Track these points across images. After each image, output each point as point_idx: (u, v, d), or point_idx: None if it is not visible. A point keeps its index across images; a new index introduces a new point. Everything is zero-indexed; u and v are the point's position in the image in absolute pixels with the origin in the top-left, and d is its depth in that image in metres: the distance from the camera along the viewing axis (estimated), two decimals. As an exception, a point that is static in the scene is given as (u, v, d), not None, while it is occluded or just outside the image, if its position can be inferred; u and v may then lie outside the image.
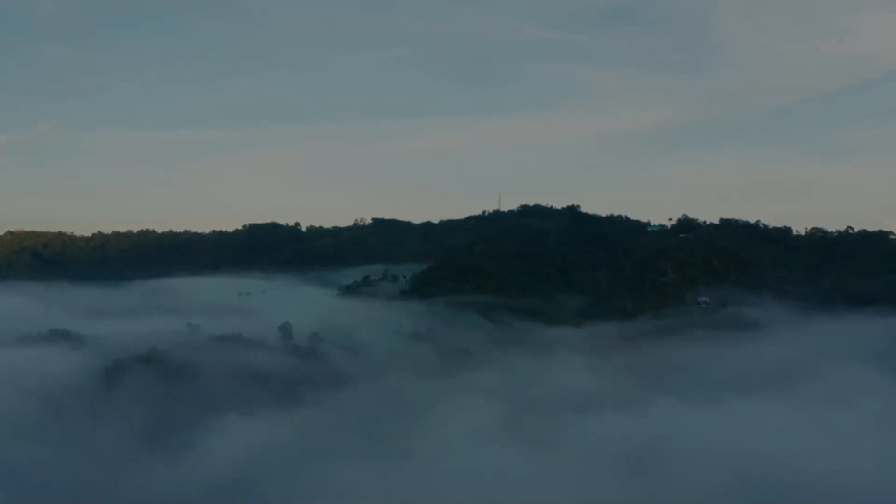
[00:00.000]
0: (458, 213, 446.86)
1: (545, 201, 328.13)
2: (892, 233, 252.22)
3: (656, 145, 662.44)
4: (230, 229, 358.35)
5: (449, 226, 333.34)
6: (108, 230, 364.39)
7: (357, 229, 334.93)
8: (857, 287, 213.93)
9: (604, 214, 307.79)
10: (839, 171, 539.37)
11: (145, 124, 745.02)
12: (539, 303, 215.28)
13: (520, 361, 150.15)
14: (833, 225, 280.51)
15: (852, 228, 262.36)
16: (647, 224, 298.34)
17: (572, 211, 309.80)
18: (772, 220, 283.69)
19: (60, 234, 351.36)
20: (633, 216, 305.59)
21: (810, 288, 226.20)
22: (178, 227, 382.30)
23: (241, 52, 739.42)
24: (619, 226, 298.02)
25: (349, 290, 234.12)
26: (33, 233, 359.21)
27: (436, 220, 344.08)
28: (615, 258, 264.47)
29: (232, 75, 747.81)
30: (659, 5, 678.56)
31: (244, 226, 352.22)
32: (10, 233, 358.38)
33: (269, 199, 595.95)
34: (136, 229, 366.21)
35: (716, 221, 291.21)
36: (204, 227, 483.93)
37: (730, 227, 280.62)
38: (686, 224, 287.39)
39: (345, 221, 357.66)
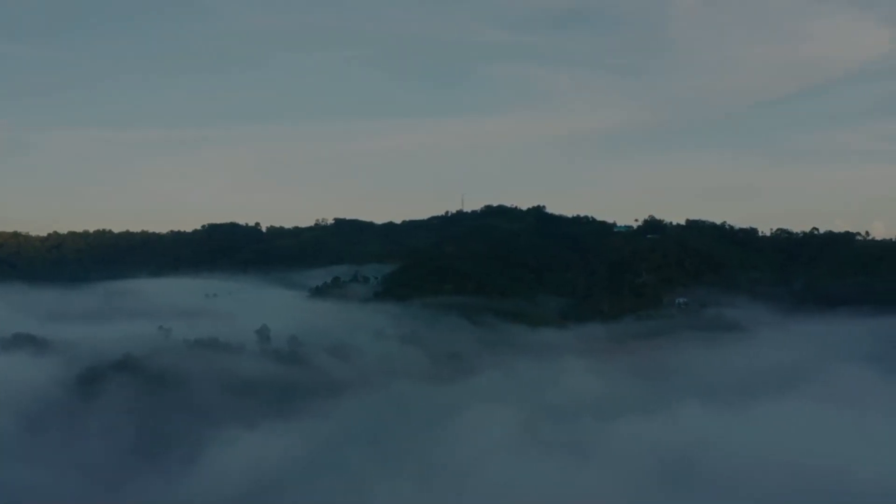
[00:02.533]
0: (421, 213, 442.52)
1: (507, 202, 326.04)
2: (858, 234, 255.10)
3: (616, 147, 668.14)
4: (188, 229, 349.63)
5: (412, 226, 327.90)
6: (63, 230, 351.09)
7: (318, 229, 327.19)
8: (829, 288, 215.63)
9: (570, 215, 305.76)
10: (796, 174, 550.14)
11: (100, 122, 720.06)
12: (520, 304, 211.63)
13: (520, 366, 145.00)
14: (793, 226, 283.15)
15: (817, 230, 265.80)
16: (614, 225, 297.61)
17: (538, 211, 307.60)
18: (732, 220, 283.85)
19: (16, 234, 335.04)
20: (597, 217, 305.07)
21: (781, 289, 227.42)
22: (135, 227, 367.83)
23: (198, 50, 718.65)
24: (586, 226, 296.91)
25: (319, 292, 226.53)
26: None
27: (398, 221, 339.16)
28: (587, 259, 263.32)
29: (188, 74, 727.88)
30: (614, 8, 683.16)
31: (203, 226, 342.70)
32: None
33: (227, 198, 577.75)
34: (92, 229, 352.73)
35: (681, 222, 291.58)
36: (161, 227, 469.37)
37: (697, 228, 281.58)
38: (653, 225, 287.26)
39: (306, 221, 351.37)
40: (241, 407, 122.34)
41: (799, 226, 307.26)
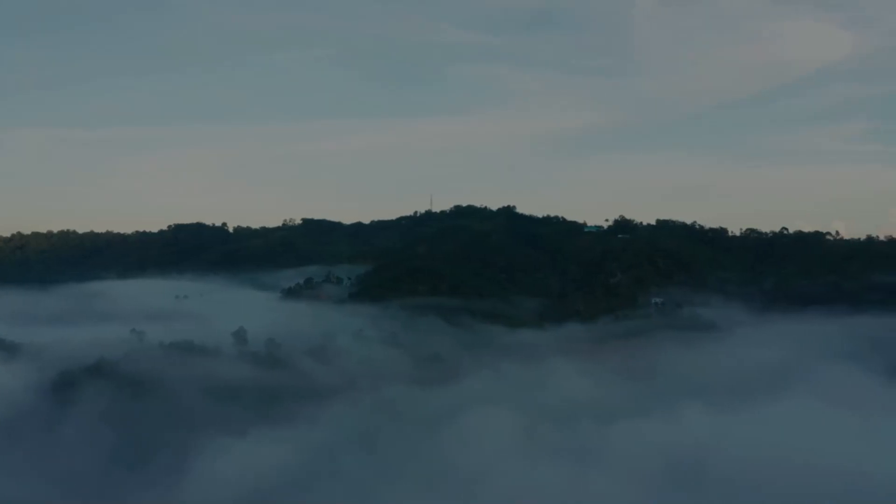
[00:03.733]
0: (389, 213, 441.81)
1: (476, 202, 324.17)
2: (828, 234, 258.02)
3: (584, 148, 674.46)
4: (154, 230, 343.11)
5: (381, 226, 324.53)
6: (27, 230, 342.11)
7: (286, 230, 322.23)
8: (800, 287, 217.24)
9: (540, 215, 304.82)
10: (762, 174, 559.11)
11: (64, 122, 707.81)
12: (497, 305, 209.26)
13: (508, 368, 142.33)
14: (761, 226, 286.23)
15: (787, 230, 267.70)
16: (584, 225, 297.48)
17: (509, 211, 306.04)
18: (701, 220, 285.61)
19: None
20: (567, 217, 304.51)
21: (752, 288, 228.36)
22: (100, 228, 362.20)
23: (164, 49, 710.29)
24: (556, 226, 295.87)
25: (292, 293, 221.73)
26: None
27: (367, 221, 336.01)
28: (559, 259, 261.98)
29: (152, 73, 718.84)
30: (580, 10, 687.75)
31: (169, 226, 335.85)
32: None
33: (193, 198, 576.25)
34: (56, 230, 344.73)
35: (651, 222, 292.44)
36: (126, 227, 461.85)
37: (667, 228, 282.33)
38: (623, 225, 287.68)
39: (273, 222, 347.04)
40: (226, 413, 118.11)
41: (767, 226, 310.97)
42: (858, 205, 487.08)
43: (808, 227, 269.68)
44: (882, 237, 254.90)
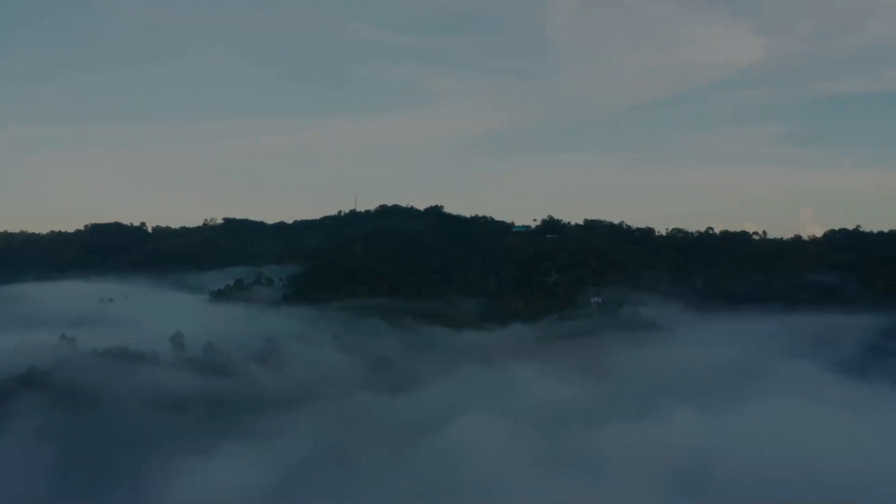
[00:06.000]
0: (311, 213, 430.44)
1: (399, 202, 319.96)
2: (755, 233, 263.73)
3: (504, 148, 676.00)
4: (70, 230, 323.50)
5: (305, 226, 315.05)
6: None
7: (207, 229, 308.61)
8: (732, 286, 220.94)
9: (468, 215, 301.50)
10: (678, 175, 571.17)
11: None
12: (437, 306, 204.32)
13: (471, 372, 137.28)
14: (683, 226, 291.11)
15: (712, 229, 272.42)
16: (512, 225, 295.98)
17: (437, 211, 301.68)
18: (620, 220, 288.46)
19: None
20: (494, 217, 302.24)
21: (685, 287, 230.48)
22: (13, 228, 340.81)
23: (78, 47, 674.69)
24: (485, 226, 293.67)
25: (222, 295, 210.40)
26: None
27: (289, 221, 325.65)
28: (491, 259, 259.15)
29: (65, 71, 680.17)
30: (497, 12, 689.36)
31: (86, 226, 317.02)
32: None
33: (109, 197, 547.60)
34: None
35: (578, 222, 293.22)
36: (41, 227, 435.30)
37: (596, 228, 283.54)
38: (552, 225, 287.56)
39: (193, 221, 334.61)
40: (179, 427, 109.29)
41: (683, 225, 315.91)
42: (770, 205, 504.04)
43: (719, 227, 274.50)
44: (806, 237, 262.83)
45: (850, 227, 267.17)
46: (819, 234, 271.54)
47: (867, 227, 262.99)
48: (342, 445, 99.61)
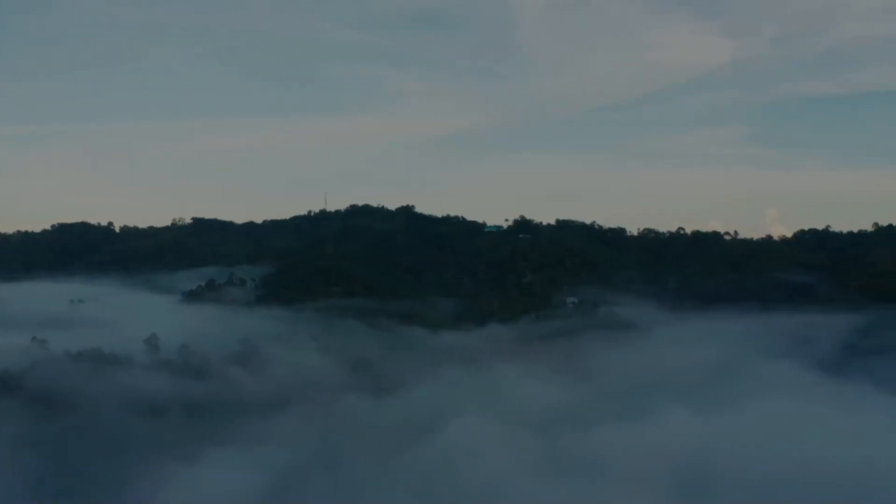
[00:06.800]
0: (280, 213, 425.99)
1: (369, 202, 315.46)
2: (727, 233, 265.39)
3: (474, 148, 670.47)
4: (37, 229, 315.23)
5: (274, 226, 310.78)
6: None
7: (176, 229, 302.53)
8: (706, 286, 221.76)
9: (439, 215, 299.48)
10: (646, 176, 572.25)
11: None
12: (413, 306, 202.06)
13: (455, 374, 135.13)
14: (654, 226, 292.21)
15: (683, 230, 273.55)
16: (484, 225, 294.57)
17: (408, 211, 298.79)
18: (590, 220, 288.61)
19: None
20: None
21: (658, 287, 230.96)
22: None
23: (44, 46, 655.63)
24: (457, 226, 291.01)
25: (194, 296, 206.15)
26: None
27: (259, 220, 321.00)
28: (464, 259, 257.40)
29: (30, 69, 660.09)
30: (464, 11, 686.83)
31: (52, 226, 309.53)
32: None
33: (76, 197, 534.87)
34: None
35: (550, 222, 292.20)
36: (7, 227, 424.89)
37: (568, 228, 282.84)
38: (524, 225, 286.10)
39: (161, 221, 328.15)
40: (161, 433, 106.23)
41: (650, 224, 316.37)
42: (736, 206, 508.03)
43: (686, 227, 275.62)
44: (776, 237, 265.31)
45: (817, 227, 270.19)
46: (785, 234, 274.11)
47: (835, 228, 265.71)
48: (332, 451, 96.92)
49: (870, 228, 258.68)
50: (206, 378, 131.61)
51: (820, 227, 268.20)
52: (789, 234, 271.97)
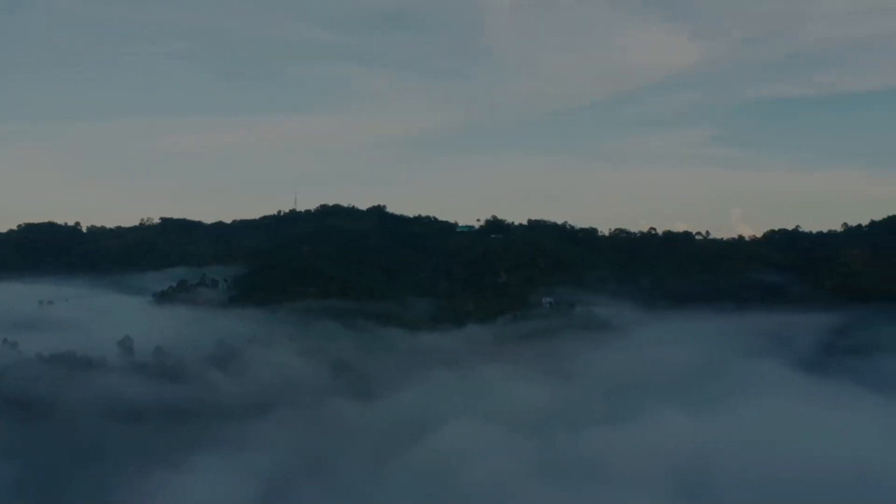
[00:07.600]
0: (249, 213, 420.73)
1: (339, 202, 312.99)
2: (698, 234, 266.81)
3: (444, 148, 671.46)
4: (3, 229, 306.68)
5: (244, 226, 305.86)
6: None
7: (144, 229, 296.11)
8: (680, 286, 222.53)
9: (411, 215, 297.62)
10: (618, 176, 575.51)
11: None
12: (389, 307, 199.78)
13: (440, 375, 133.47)
14: (622, 225, 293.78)
15: (655, 230, 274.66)
16: (456, 225, 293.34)
17: (380, 211, 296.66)
18: (562, 220, 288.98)
19: None
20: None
21: (632, 287, 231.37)
22: None
23: (11, 42, 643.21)
24: (429, 226, 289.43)
25: (165, 297, 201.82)
26: None
27: (228, 220, 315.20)
28: (437, 259, 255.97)
29: None
30: (433, 12, 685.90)
31: (19, 225, 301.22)
32: None
33: (42, 196, 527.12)
34: None
35: (521, 222, 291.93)
36: None
37: (540, 228, 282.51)
38: (496, 225, 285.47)
39: (128, 221, 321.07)
40: (141, 438, 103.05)
41: (625, 225, 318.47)
42: (703, 206, 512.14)
43: (652, 227, 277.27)
44: (747, 237, 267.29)
45: (786, 227, 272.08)
46: (754, 234, 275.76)
47: (804, 228, 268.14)
48: (320, 456, 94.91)
49: (839, 228, 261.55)
50: (184, 381, 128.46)
51: (788, 227, 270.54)
52: (757, 234, 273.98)
